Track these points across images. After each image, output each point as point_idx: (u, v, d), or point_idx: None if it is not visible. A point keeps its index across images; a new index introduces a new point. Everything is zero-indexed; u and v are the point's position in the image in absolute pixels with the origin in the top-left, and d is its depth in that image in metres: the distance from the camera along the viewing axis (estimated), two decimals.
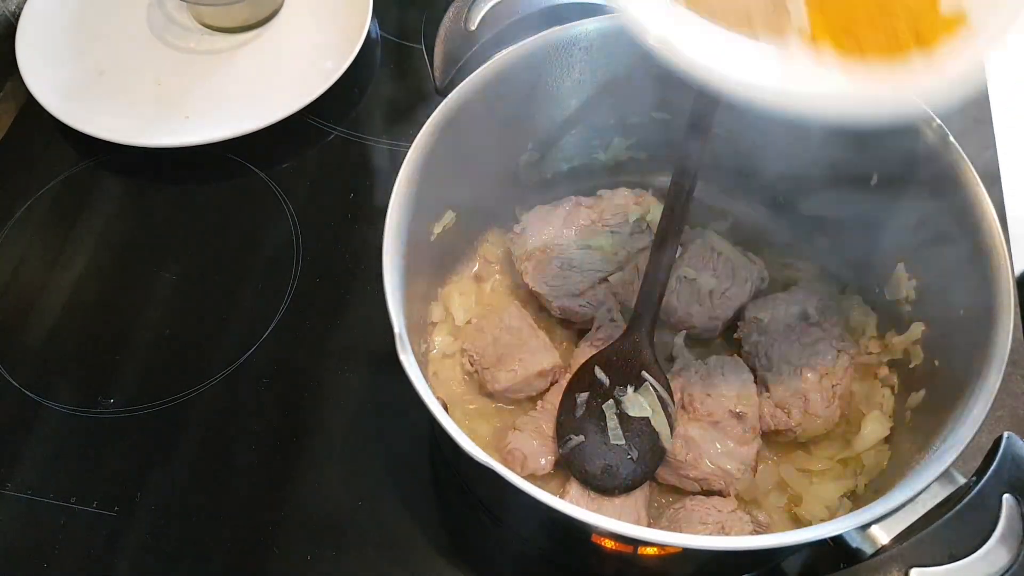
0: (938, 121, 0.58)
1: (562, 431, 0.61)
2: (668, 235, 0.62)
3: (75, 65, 0.90)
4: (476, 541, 0.66)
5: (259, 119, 0.84)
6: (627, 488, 0.60)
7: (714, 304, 0.68)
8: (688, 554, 0.50)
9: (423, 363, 0.67)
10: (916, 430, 0.60)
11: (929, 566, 0.47)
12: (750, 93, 0.41)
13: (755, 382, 0.65)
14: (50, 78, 0.88)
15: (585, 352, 0.66)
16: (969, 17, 0.42)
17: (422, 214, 0.62)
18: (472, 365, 0.67)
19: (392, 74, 0.94)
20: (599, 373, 0.63)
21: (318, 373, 0.73)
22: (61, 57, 0.90)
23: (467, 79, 0.62)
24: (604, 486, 0.59)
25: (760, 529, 0.61)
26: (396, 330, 0.51)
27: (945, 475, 0.48)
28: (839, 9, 0.42)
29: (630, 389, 0.61)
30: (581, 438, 0.60)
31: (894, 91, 0.41)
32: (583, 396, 0.62)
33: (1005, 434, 0.49)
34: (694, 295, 0.68)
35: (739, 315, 0.69)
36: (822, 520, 0.60)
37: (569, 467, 0.61)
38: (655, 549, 0.51)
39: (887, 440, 0.63)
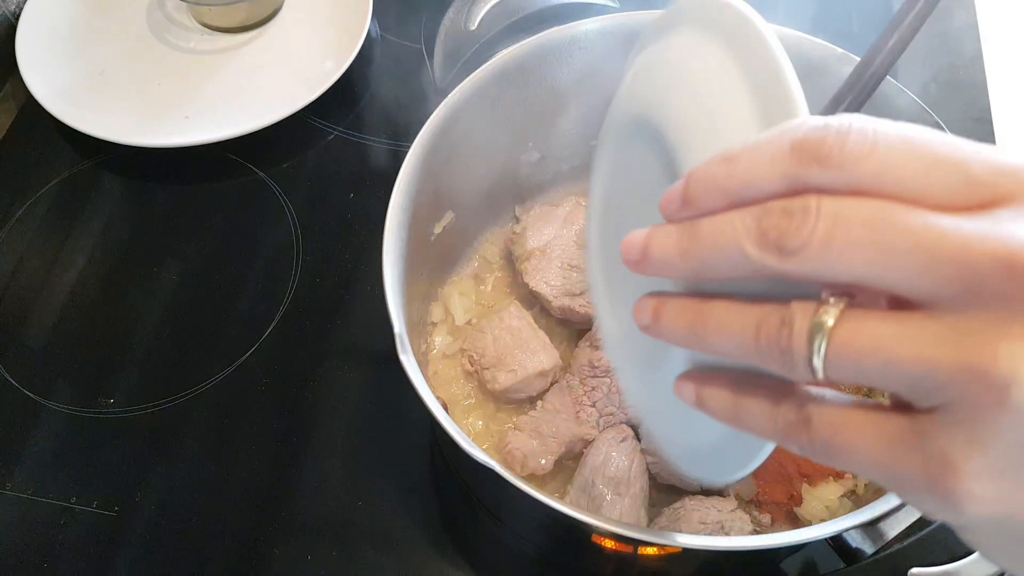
0: (935, 119, 0.58)
1: None
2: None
3: (75, 65, 0.90)
4: (476, 541, 0.66)
5: (259, 119, 0.84)
6: None
7: None
8: (688, 554, 0.49)
9: (423, 363, 0.67)
10: None
11: (929, 566, 0.47)
12: None
13: None
14: (50, 78, 0.88)
15: (585, 352, 0.66)
16: None
17: (422, 214, 0.62)
18: (472, 365, 0.67)
19: (392, 74, 0.94)
20: None
21: (318, 373, 0.73)
22: (61, 57, 0.90)
23: (467, 79, 0.62)
24: None
25: (760, 529, 0.61)
26: (396, 330, 0.51)
27: None
28: None
29: None
30: None
31: None
32: None
33: None
34: None
35: None
36: (822, 520, 0.60)
37: None
38: (655, 549, 0.51)
39: None
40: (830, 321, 0.26)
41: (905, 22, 0.41)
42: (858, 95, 0.44)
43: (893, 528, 0.49)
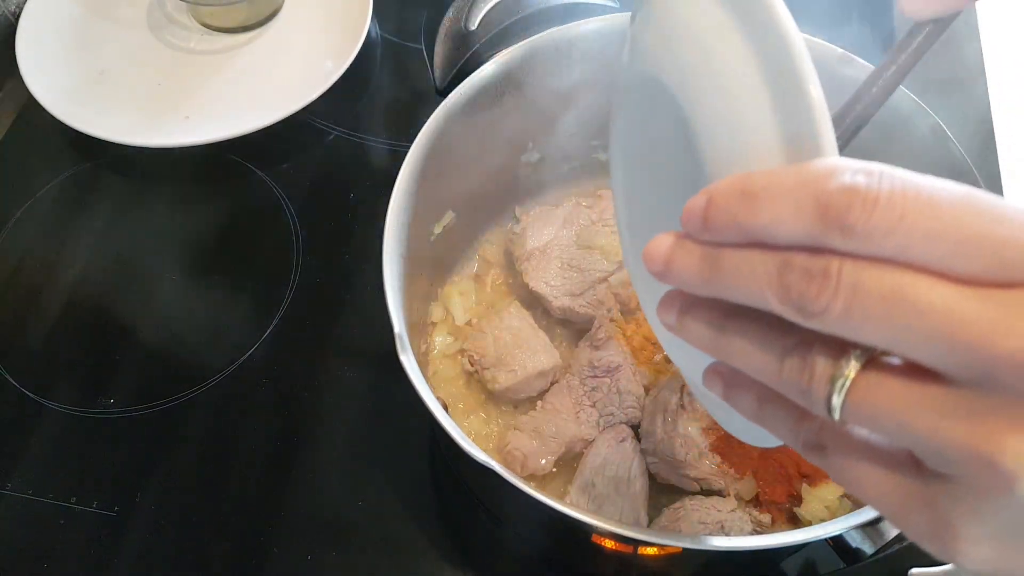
0: (936, 119, 0.58)
1: None
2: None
3: (75, 65, 0.90)
4: (476, 541, 0.66)
5: (259, 119, 0.84)
6: None
7: None
8: (688, 554, 0.49)
9: (423, 363, 0.67)
10: None
11: (929, 566, 0.47)
12: None
13: None
14: (50, 78, 0.87)
15: (585, 352, 0.66)
16: None
17: (422, 214, 0.62)
18: (472, 365, 0.67)
19: (392, 74, 0.94)
20: None
21: (318, 373, 0.73)
22: (61, 57, 0.90)
23: (467, 79, 0.62)
24: None
25: (760, 529, 0.61)
26: (396, 330, 0.51)
27: None
28: None
29: None
30: None
31: None
32: None
33: None
34: None
35: None
36: (822, 520, 0.60)
37: None
38: (655, 549, 0.51)
39: None
40: (850, 375, 0.26)
41: (902, 57, 0.40)
42: (859, 116, 0.43)
43: (893, 528, 0.49)
